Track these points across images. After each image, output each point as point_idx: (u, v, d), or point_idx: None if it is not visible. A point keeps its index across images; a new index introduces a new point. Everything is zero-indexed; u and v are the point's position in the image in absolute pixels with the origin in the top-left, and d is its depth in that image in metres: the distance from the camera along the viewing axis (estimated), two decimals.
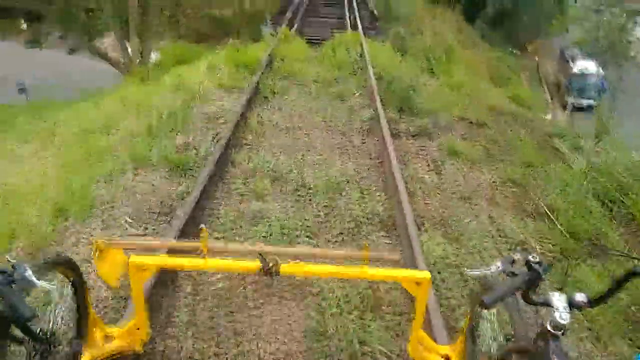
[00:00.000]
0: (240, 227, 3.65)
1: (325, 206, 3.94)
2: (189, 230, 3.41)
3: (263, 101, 6.47)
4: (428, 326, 2.49)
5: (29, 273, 1.47)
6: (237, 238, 3.47)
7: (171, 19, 18.90)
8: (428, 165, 4.90)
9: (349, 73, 7.76)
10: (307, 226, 3.69)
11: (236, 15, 23.50)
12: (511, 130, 6.25)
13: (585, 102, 37.81)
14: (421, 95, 6.73)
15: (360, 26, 10.64)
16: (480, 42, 39.09)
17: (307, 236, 3.54)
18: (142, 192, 4.20)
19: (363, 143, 5.33)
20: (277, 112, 6.13)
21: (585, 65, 38.68)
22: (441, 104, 6.58)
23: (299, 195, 4.12)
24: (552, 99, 41.37)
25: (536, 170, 5.08)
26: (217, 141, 5.03)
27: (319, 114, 6.08)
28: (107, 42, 18.09)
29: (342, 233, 3.63)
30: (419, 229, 3.72)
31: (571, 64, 39.88)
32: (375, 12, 13.45)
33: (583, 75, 38.40)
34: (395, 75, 7.24)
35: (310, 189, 4.23)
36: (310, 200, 4.05)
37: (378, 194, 4.24)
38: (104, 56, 17.54)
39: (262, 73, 7.13)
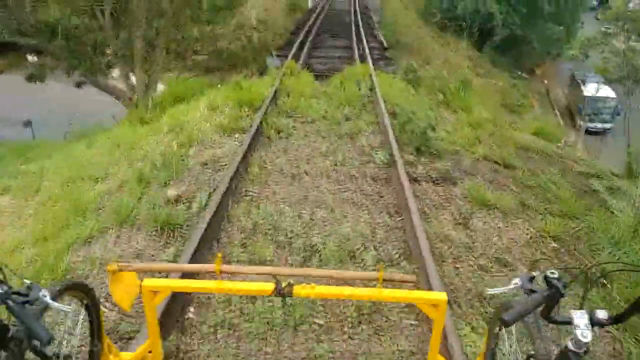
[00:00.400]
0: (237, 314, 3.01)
1: None
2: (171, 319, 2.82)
3: (266, 143, 5.92)
4: None
5: (43, 293, 1.44)
6: (230, 333, 2.84)
7: (178, 55, 18.75)
8: (454, 218, 4.26)
9: (359, 109, 7.22)
10: (320, 307, 3.05)
11: (245, 48, 23.45)
12: (542, 171, 5.61)
13: (599, 126, 37.22)
14: (439, 133, 6.16)
15: (369, 58, 10.18)
16: (490, 68, 38.99)
17: (318, 324, 2.89)
18: (122, 259, 3.61)
19: (378, 192, 4.72)
20: (282, 155, 5.56)
21: (597, 89, 38.19)
22: (462, 143, 5.99)
23: (307, 263, 3.50)
24: (563, 122, 40.83)
25: (578, 222, 4.43)
26: (213, 192, 4.46)
27: (328, 157, 5.50)
28: (115, 74, 17.90)
29: (360, 317, 2.98)
30: (451, 306, 3.07)
31: (582, 87, 39.46)
32: (385, 42, 13.02)
33: (595, 98, 37.90)
34: (409, 111, 6.68)
35: (319, 253, 3.61)
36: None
37: (399, 260, 3.60)
38: (109, 89, 17.29)
39: (266, 111, 6.61)
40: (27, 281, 1.47)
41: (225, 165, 5.14)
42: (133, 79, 16.68)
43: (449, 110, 7.76)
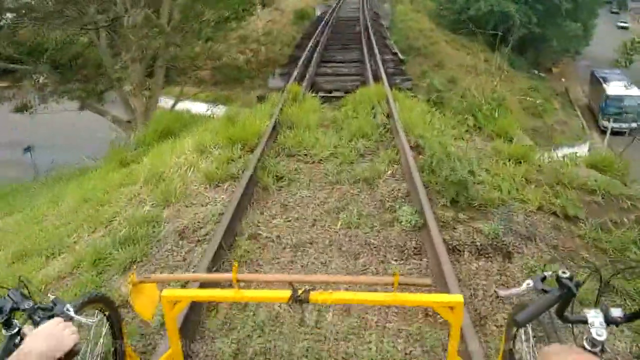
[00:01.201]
0: None
1: None
2: None
3: (262, 196, 4.77)
4: None
5: (68, 307, 1.51)
6: None
7: (180, 72, 17.82)
8: None
9: (375, 142, 6.03)
10: None
11: (249, 61, 22.54)
12: (614, 224, 4.36)
13: (624, 125, 35.42)
14: (478, 174, 4.93)
15: (384, 74, 8.97)
16: (508, 69, 37.54)
17: None
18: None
19: (409, 274, 3.52)
20: (280, 215, 4.40)
21: (621, 87, 36.37)
22: (508, 187, 4.75)
23: None
24: (585, 122, 39.10)
25: None
26: (184, 286, 3.31)
27: (339, 216, 4.32)
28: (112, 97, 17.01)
29: None
30: None
31: (604, 86, 37.68)
32: (400, 54, 11.79)
33: (619, 97, 36.09)
34: (437, 144, 5.49)
35: None
36: None
37: None
38: (106, 114, 16.34)
39: (263, 151, 5.47)
40: (52, 296, 1.53)
41: (207, 236, 4.00)
42: (132, 103, 15.78)
43: (482, 136, 6.52)
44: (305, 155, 5.64)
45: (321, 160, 5.50)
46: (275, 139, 6.11)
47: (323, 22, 19.91)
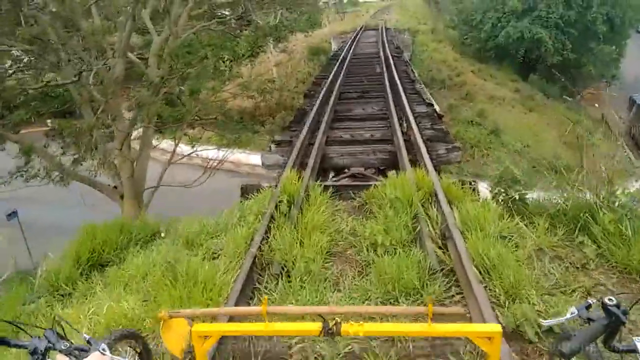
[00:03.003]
0: None
1: None
2: None
3: None
4: None
5: (103, 347, 1.52)
6: None
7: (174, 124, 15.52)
8: None
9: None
10: None
11: (258, 107, 20.33)
12: None
13: None
14: None
15: (422, 145, 6.26)
16: (541, 97, 34.78)
17: None
18: None
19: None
20: None
21: None
22: None
23: None
24: (631, 152, 35.57)
25: None
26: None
27: None
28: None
29: None
30: None
31: None
32: (436, 106, 9.08)
33: None
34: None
35: None
36: None
37: None
38: (86, 180, 13.96)
39: (215, 355, 2.79)
40: (86, 335, 1.55)
41: None
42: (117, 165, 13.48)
43: (607, 272, 3.72)
44: (302, 349, 2.93)
45: None
46: (251, 298, 3.45)
47: (339, 61, 17.52)
